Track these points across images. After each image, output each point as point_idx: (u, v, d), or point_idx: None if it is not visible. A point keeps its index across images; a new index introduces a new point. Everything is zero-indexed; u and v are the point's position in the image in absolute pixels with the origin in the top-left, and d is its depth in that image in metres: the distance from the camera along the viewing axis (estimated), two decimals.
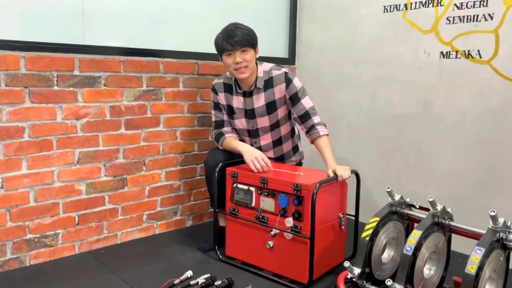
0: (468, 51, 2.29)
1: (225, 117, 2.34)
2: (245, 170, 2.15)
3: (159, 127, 2.53)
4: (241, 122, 2.32)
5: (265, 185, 2.05)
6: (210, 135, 2.77)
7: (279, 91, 2.23)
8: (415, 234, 1.62)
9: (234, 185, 2.18)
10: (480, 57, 2.25)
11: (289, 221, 1.97)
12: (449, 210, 1.75)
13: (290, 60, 3.16)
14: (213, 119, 2.38)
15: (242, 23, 2.18)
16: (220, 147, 2.31)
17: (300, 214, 1.95)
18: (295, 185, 1.94)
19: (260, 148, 2.35)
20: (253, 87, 2.24)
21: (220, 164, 2.21)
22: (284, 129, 2.36)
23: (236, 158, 2.27)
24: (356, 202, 2.18)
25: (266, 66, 2.27)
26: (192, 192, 2.74)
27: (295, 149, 2.48)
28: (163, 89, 2.52)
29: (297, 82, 2.23)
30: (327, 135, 2.19)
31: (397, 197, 1.84)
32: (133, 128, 2.43)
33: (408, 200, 1.89)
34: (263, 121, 2.29)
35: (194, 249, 2.39)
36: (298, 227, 1.95)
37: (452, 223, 1.75)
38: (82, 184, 2.27)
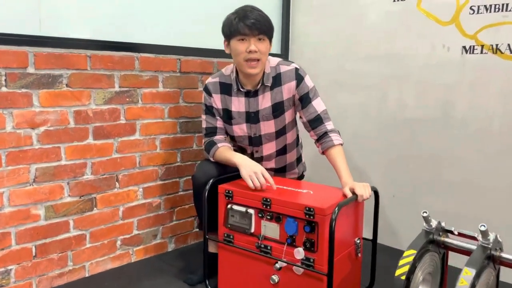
0: (496, 45, 1.98)
1: (219, 124, 1.96)
2: (242, 188, 1.78)
3: (134, 135, 2.12)
4: (241, 129, 1.95)
5: (268, 207, 1.68)
6: (195, 143, 2.38)
7: (288, 90, 1.87)
8: (468, 274, 1.28)
9: (229, 206, 1.80)
10: (511, 52, 1.95)
11: (300, 252, 1.61)
12: (500, 239, 1.43)
13: (283, 56, 2.79)
14: (204, 125, 1.99)
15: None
16: (212, 159, 1.93)
17: (313, 244, 1.59)
18: (307, 209, 1.58)
19: (261, 159, 1.97)
20: (259, 85, 1.87)
21: (211, 180, 1.83)
22: (290, 137, 2.00)
23: (229, 172, 1.90)
24: (374, 224, 1.83)
25: (273, 60, 1.90)
26: (175, 210, 2.34)
27: (299, 160, 2.12)
28: (139, 90, 2.11)
29: (309, 81, 1.88)
30: (342, 144, 1.84)
31: (434, 223, 1.50)
32: (104, 138, 2.02)
33: (443, 224, 1.55)
34: (268, 127, 1.92)
35: (179, 281, 2.00)
36: (311, 260, 1.59)
37: (503, 255, 1.42)
38: (40, 207, 1.85)
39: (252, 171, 1.72)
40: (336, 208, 1.53)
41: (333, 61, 2.60)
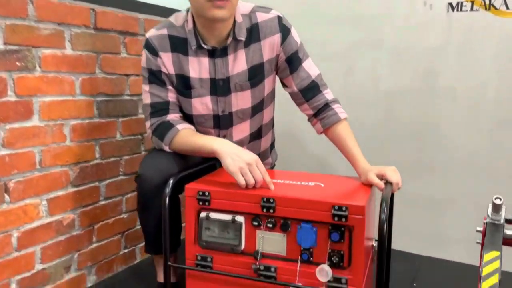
0: (490, 0, 1.73)
1: (171, 97, 1.35)
2: (224, 187, 1.22)
3: (31, 120, 1.39)
4: (203, 104, 1.36)
5: (271, 210, 1.15)
6: (119, 131, 1.71)
7: (270, 47, 1.34)
8: None
9: (203, 214, 1.22)
10: (507, 8, 1.71)
11: (325, 272, 1.11)
12: None
13: None
14: (148, 101, 1.35)
15: None
16: (167, 148, 1.31)
17: (343, 257, 1.11)
18: (337, 208, 1.09)
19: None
20: (228, 39, 1.31)
21: (172, 179, 1.22)
22: (267, 114, 1.48)
23: (190, 167, 1.32)
24: (388, 222, 1.41)
25: (245, 7, 1.35)
26: (94, 227, 1.64)
27: (272, 146, 1.62)
28: (36, 50, 1.39)
29: (296, 35, 1.38)
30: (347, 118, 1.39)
31: (503, 212, 1.14)
32: None
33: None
34: (243, 100, 1.37)
35: None
36: (343, 280, 1.11)
37: None
38: None
39: (243, 162, 1.16)
40: (384, 205, 1.06)
41: None
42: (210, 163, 1.39)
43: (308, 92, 1.37)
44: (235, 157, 1.17)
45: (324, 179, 1.31)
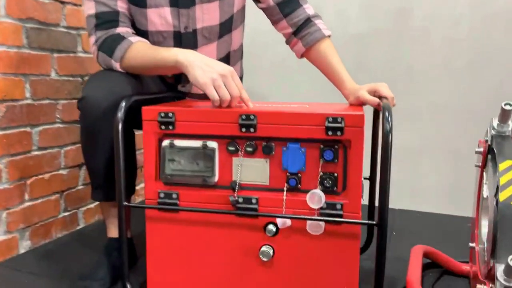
0: None
1: (121, 6, 1.11)
2: (191, 107, 1.01)
3: None
4: (162, 17, 1.13)
5: (251, 130, 0.96)
6: (54, 68, 1.43)
7: None
8: None
9: (165, 142, 1.00)
10: None
11: (317, 197, 0.93)
12: None
13: None
14: (92, 11, 1.09)
15: None
16: (117, 66, 1.07)
17: (336, 180, 0.95)
18: (331, 120, 0.92)
19: None
20: None
21: (125, 101, 0.99)
22: (236, 39, 1.28)
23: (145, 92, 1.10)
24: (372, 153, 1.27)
25: None
26: (27, 182, 1.36)
27: (241, 80, 1.42)
28: None
29: None
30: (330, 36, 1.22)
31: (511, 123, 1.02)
32: None
33: None
34: (209, 14, 1.16)
35: None
36: (338, 206, 0.94)
37: None
38: None
39: (216, 73, 0.96)
40: (387, 113, 0.90)
41: None
42: (178, 95, 1.18)
43: (286, 6, 1.19)
44: (206, 67, 0.96)
45: (307, 104, 1.14)
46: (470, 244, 1.12)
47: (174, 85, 1.29)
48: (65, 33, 1.46)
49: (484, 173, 1.06)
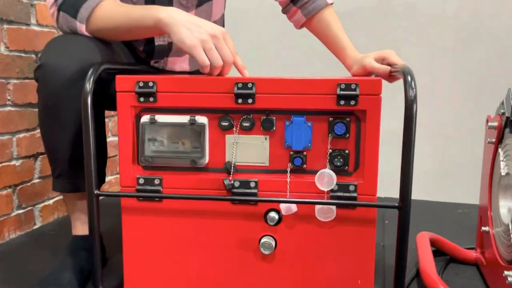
0: None
1: None
2: (173, 79, 0.86)
3: None
4: None
5: (248, 101, 0.81)
6: (3, 42, 1.22)
7: None
8: None
9: (144, 118, 0.84)
10: None
11: (327, 177, 0.80)
12: None
13: None
14: None
15: None
16: (83, 29, 0.89)
17: (347, 158, 0.82)
18: (344, 86, 0.79)
19: (167, 50, 1.07)
20: None
21: (94, 68, 0.81)
22: (217, 8, 1.12)
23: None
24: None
25: None
26: None
27: None
28: None
29: None
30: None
31: None
32: None
33: None
34: None
35: None
36: (352, 188, 0.81)
37: None
38: None
39: (205, 33, 0.80)
40: (409, 78, 0.78)
41: None
42: (152, 71, 1.01)
43: None
44: (194, 27, 0.81)
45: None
46: (483, 228, 1.03)
47: (146, 61, 1.12)
48: (16, 1, 1.26)
49: (500, 149, 0.97)
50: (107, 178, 1.70)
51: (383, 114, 0.81)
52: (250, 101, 0.81)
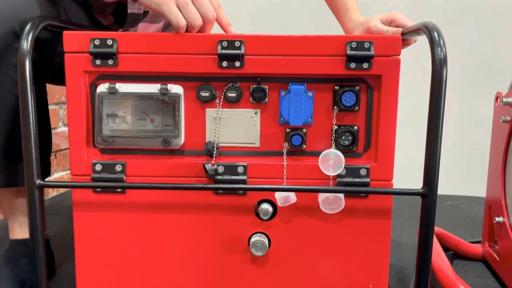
0: None
1: None
2: (138, 35, 0.68)
3: None
4: None
5: (235, 64, 0.65)
6: None
7: None
8: None
9: (102, 88, 0.65)
10: None
11: (333, 159, 0.65)
12: None
13: None
14: None
15: None
16: None
17: (356, 136, 0.67)
18: (355, 45, 0.64)
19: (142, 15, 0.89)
20: None
21: (32, 24, 0.62)
22: None
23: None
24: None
25: None
26: None
27: None
28: None
29: None
30: None
31: None
32: None
33: None
34: None
35: None
36: (364, 171, 0.66)
37: None
38: None
39: None
40: (437, 36, 0.64)
41: None
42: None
43: None
44: None
45: None
46: (497, 219, 0.91)
47: (108, 28, 0.93)
48: None
49: None
50: (58, 174, 1.48)
51: None
52: (237, 64, 0.64)
